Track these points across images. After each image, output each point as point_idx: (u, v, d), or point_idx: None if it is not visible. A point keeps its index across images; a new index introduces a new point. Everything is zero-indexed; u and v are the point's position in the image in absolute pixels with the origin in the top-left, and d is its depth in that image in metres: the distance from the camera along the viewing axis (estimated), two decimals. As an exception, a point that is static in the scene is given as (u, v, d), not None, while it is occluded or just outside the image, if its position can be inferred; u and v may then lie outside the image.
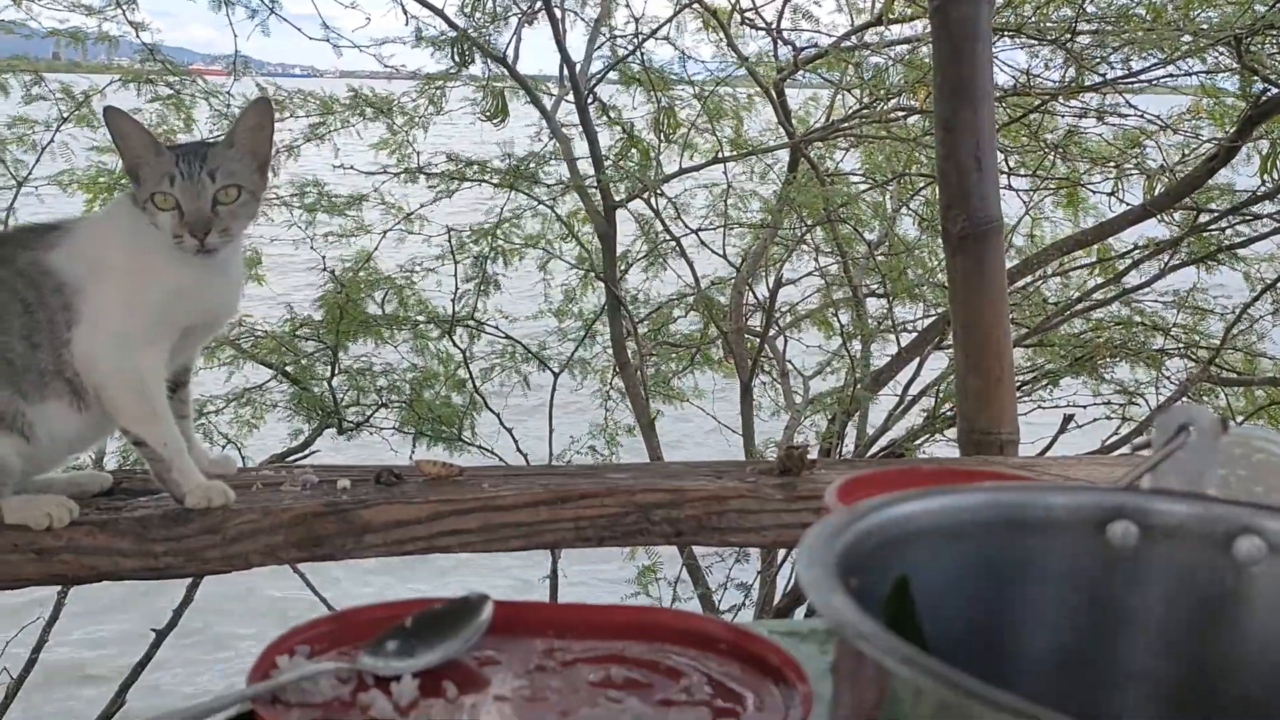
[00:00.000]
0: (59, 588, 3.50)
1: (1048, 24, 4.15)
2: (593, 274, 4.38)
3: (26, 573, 1.43)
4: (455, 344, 4.19)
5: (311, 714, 0.69)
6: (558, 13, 4.11)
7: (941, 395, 4.30)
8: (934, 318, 4.37)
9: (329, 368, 3.99)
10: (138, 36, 3.93)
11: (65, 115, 3.77)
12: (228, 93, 3.99)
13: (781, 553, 3.93)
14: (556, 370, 4.31)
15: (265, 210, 3.96)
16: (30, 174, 3.77)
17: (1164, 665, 0.58)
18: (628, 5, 4.37)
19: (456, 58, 4.08)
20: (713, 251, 4.53)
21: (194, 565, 1.49)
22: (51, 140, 3.77)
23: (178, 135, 3.89)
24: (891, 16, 4.32)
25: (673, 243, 4.39)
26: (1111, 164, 4.35)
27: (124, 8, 3.87)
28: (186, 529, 1.46)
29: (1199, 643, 0.57)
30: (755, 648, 0.77)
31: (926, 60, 3.90)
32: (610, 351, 4.34)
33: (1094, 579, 0.59)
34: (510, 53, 4.13)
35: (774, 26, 4.47)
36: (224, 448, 3.81)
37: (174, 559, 1.46)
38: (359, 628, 0.78)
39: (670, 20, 4.33)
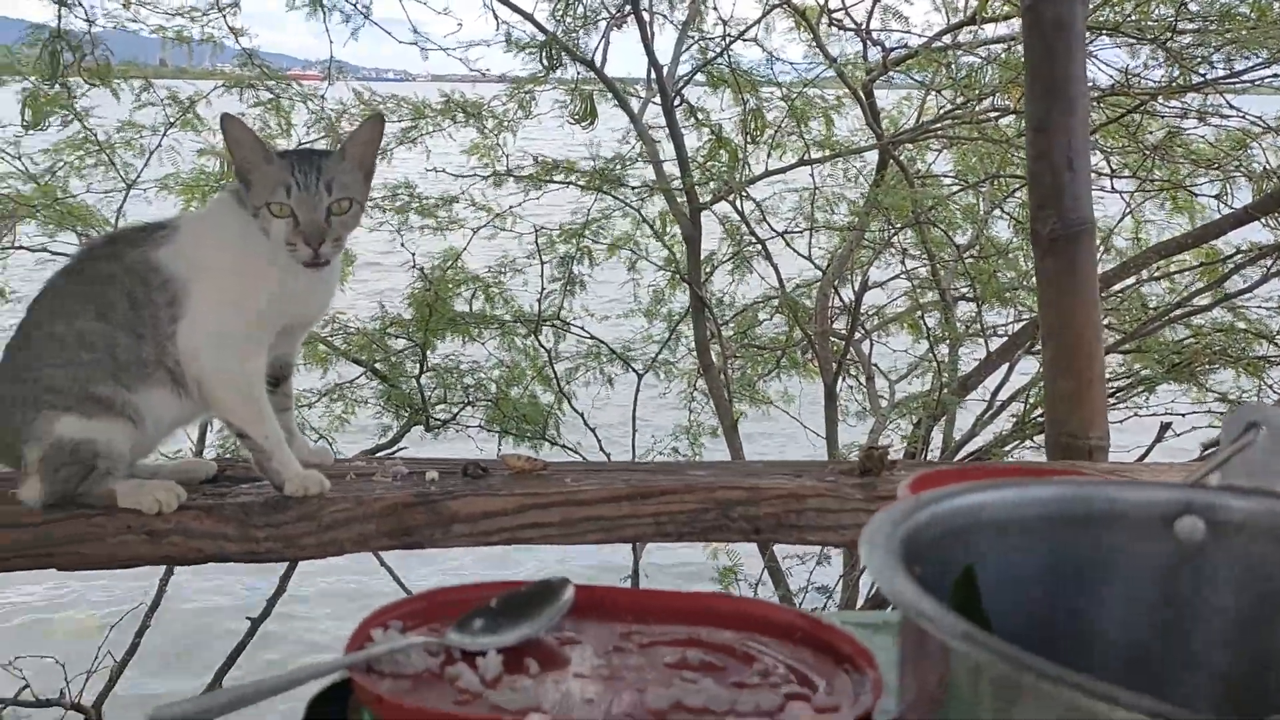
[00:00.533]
0: (159, 577, 3.66)
1: (1148, 23, 4.07)
2: (678, 276, 4.40)
3: (139, 553, 1.51)
4: (540, 343, 4.25)
5: (402, 684, 0.73)
6: (645, 16, 4.15)
7: (1031, 401, 4.23)
8: (1025, 322, 4.30)
9: (417, 365, 4.08)
10: (237, 42, 4.06)
11: (172, 120, 3.91)
12: (322, 97, 4.11)
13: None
14: (640, 371, 4.35)
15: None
16: (139, 177, 3.92)
17: (1230, 659, 0.58)
18: (715, 8, 4.39)
19: (545, 61, 4.14)
20: (798, 254, 4.52)
21: (292, 550, 1.56)
22: (159, 144, 3.91)
23: (277, 139, 4.02)
24: (985, 15, 4.26)
25: (758, 245, 4.40)
26: (1215, 166, 4.23)
27: (225, 13, 4.01)
28: (285, 516, 1.53)
29: (1265, 637, 0.58)
30: (828, 636, 0.78)
31: (1021, 59, 3.85)
32: (694, 353, 4.36)
33: (1161, 574, 0.60)
34: (598, 56, 4.18)
35: (863, 27, 4.44)
36: (316, 442, 3.93)
37: (273, 544, 1.52)
38: (448, 607, 0.82)
39: (758, 22, 4.33)
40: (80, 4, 3.78)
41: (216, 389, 1.54)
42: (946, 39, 4.46)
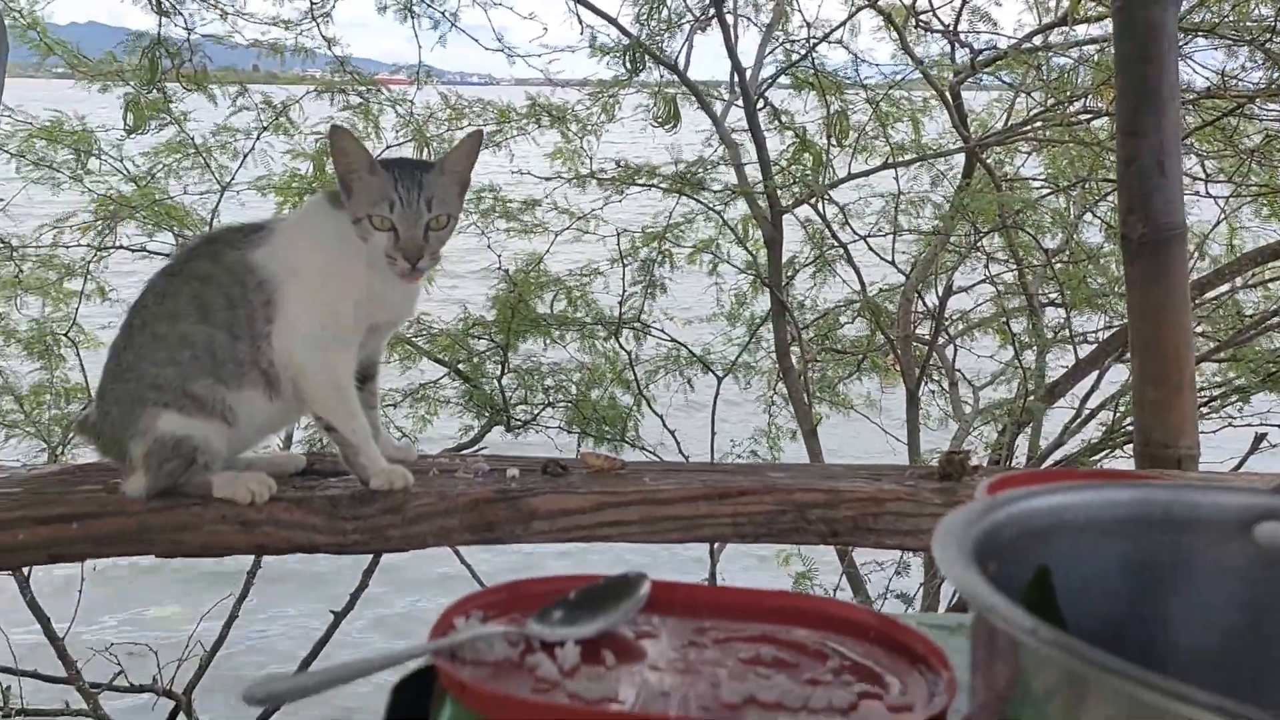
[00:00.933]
0: (248, 569, 3.77)
1: (1246, 24, 3.96)
2: (759, 279, 4.40)
3: (233, 542, 1.56)
4: (621, 346, 4.28)
5: (483, 671, 0.75)
6: (729, 19, 4.16)
7: (1121, 409, 4.14)
8: (1116, 328, 4.21)
9: (499, 366, 4.13)
10: (330, 49, 4.16)
11: (265, 125, 4.02)
12: (410, 101, 4.19)
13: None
14: (720, 374, 4.35)
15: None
16: (233, 179, 4.04)
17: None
18: (800, 10, 4.38)
19: (629, 65, 4.17)
20: (880, 258, 4.48)
21: (377, 543, 1.60)
22: (252, 148, 4.03)
23: (366, 142, 4.10)
24: (1077, 16, 4.18)
25: (840, 249, 4.37)
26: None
27: (318, 21, 4.11)
28: (371, 509, 1.57)
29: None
30: (901, 636, 0.79)
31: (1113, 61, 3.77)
32: (774, 357, 4.35)
33: (1240, 579, 0.59)
34: (681, 59, 4.20)
35: (951, 28, 4.39)
36: (399, 440, 4.01)
37: (360, 536, 1.57)
38: (528, 598, 0.85)
39: (844, 23, 4.31)
40: (180, 13, 3.91)
41: (309, 385, 1.58)
42: (1037, 40, 4.39)
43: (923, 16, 4.43)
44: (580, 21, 4.16)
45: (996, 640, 0.48)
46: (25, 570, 3.49)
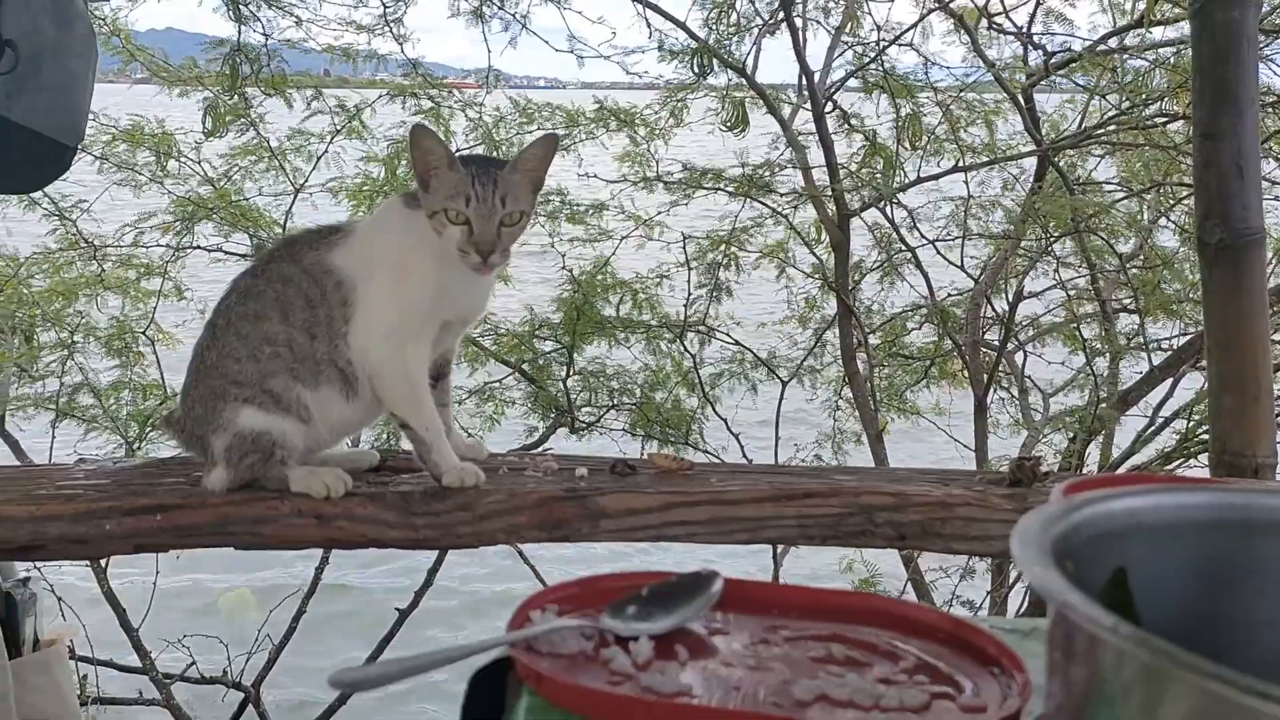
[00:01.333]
0: (316, 564, 3.85)
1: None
2: (825, 284, 4.38)
3: (308, 535, 1.60)
4: (686, 348, 4.28)
5: (559, 663, 0.77)
6: (798, 22, 4.15)
7: (1196, 417, 4.05)
8: (1191, 335, 4.13)
9: (564, 368, 4.16)
10: (402, 52, 4.23)
11: (338, 128, 4.10)
12: (480, 104, 4.24)
13: (1015, 571, 3.82)
14: (785, 378, 4.34)
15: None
16: (306, 181, 4.12)
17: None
18: (870, 13, 4.35)
19: (696, 69, 4.18)
20: (950, 262, 4.44)
21: (448, 539, 1.63)
22: (325, 151, 4.11)
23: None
24: (1154, 18, 4.11)
25: (908, 253, 4.34)
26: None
27: (391, 25, 4.18)
28: (443, 505, 1.60)
29: None
30: (973, 638, 0.79)
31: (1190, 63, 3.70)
32: (840, 361, 4.33)
33: (1322, 584, 0.59)
34: (749, 62, 4.19)
35: (1024, 30, 4.34)
36: (469, 438, 4.05)
37: (431, 532, 1.60)
38: (601, 593, 0.86)
39: (914, 26, 4.28)
40: (258, 19, 4.00)
41: (384, 382, 1.62)
42: (1112, 42, 4.31)
43: (995, 18, 4.37)
44: (648, 25, 4.18)
45: (1075, 639, 0.48)
46: (104, 562, 3.60)
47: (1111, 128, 4.34)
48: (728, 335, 4.40)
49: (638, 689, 0.74)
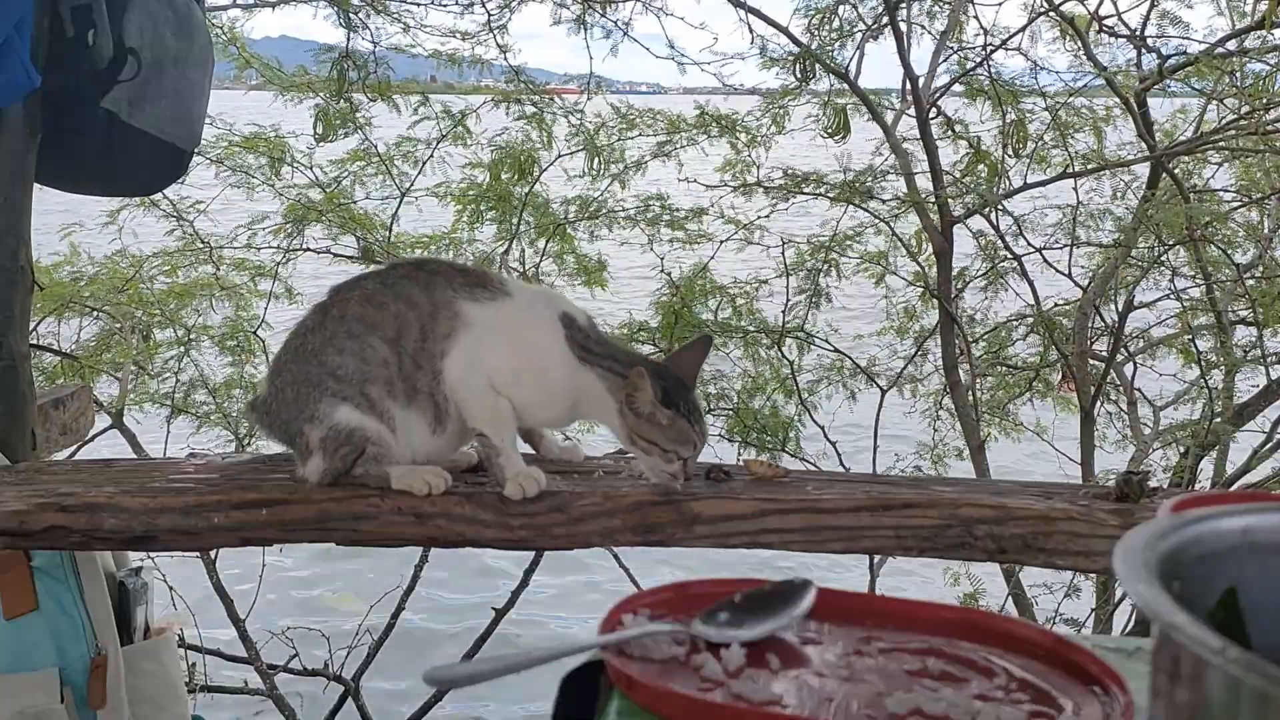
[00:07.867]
0: (415, 562, 3.91)
1: None
2: (928, 292, 4.31)
3: (407, 533, 1.63)
4: (784, 355, 4.25)
5: (650, 668, 0.77)
6: (903, 27, 4.09)
7: (1318, 434, 3.89)
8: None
9: (662, 373, 4.15)
10: (505, 59, 4.29)
11: (443, 134, 4.18)
12: (581, 110, 4.28)
13: (1120, 589, 3.71)
14: (885, 386, 4.28)
15: (613, 222, 4.23)
16: (411, 185, 4.21)
17: None
18: (976, 17, 4.27)
19: (798, 74, 4.15)
20: (1057, 271, 4.33)
21: (543, 540, 1.65)
22: (430, 155, 4.19)
23: (539, 150, 4.23)
24: (1276, 20, 3.95)
25: (1013, 261, 4.24)
26: None
27: (495, 32, 4.24)
28: (538, 506, 1.62)
29: None
30: (1075, 656, 0.77)
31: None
32: (941, 371, 4.26)
33: None
34: (852, 68, 4.15)
35: (1137, 33, 4.21)
36: (564, 442, 4.08)
37: (526, 532, 1.61)
38: (694, 599, 0.86)
39: (1022, 30, 4.18)
40: (366, 27, 4.11)
41: (469, 403, 1.63)
42: (1231, 45, 4.16)
43: (1107, 21, 4.25)
44: (750, 31, 4.17)
45: (1181, 662, 0.47)
46: (213, 554, 3.72)
47: (1230, 133, 4.19)
48: (826, 342, 4.36)
49: (728, 696, 0.74)
